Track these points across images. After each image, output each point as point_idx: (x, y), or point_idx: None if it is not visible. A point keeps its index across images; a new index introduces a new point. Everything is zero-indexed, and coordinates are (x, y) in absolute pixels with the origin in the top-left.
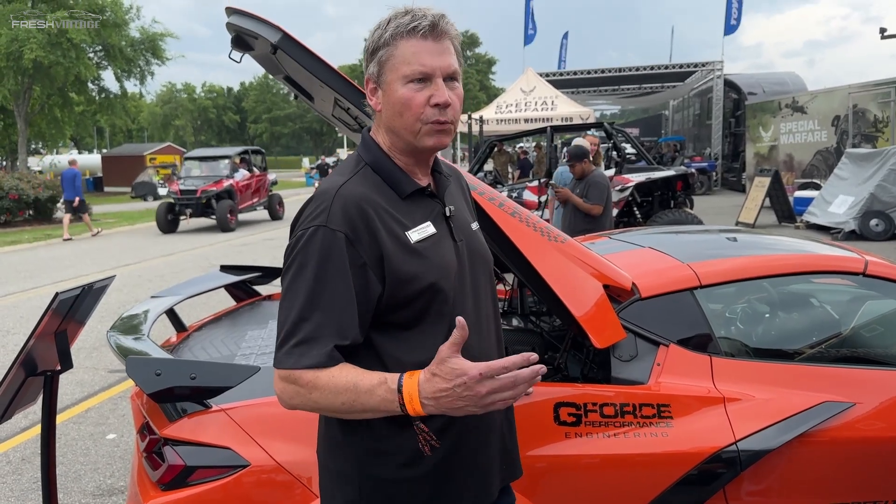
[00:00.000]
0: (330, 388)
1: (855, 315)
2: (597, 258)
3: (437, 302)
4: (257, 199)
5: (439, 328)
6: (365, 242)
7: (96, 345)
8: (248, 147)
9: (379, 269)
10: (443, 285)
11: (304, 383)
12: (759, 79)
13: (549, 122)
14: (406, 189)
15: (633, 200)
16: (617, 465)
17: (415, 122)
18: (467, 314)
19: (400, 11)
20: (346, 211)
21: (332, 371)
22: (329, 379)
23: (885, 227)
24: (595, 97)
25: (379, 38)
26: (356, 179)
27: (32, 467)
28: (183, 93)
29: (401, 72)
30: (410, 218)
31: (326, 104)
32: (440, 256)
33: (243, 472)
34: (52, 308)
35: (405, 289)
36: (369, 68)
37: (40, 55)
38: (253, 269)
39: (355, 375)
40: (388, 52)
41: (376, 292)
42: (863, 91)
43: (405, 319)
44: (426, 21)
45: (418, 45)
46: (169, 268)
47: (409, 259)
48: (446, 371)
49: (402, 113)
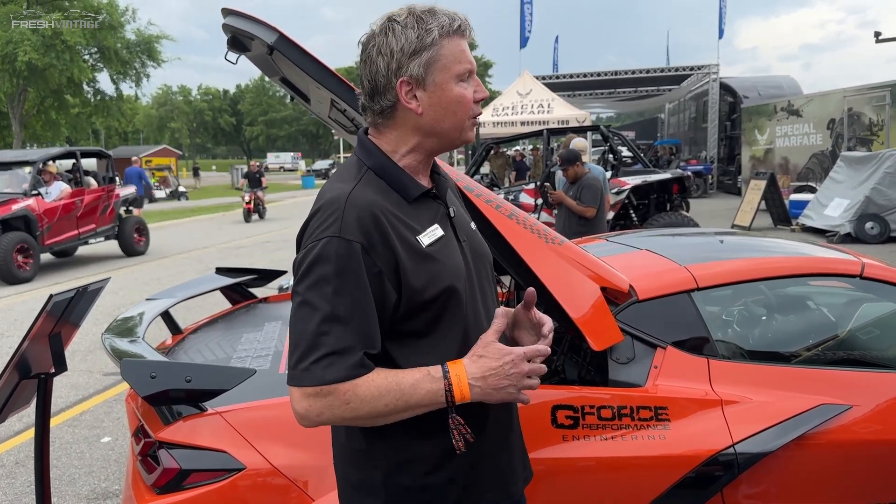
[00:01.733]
0: (371, 393)
1: (852, 317)
2: (594, 260)
3: (452, 304)
4: (94, 226)
5: (455, 332)
6: (380, 251)
7: (91, 347)
8: (78, 148)
9: (395, 276)
10: (457, 287)
11: (340, 394)
12: (755, 82)
13: (545, 124)
14: (413, 192)
15: (630, 203)
16: (614, 468)
17: (465, 118)
18: (477, 314)
19: (425, 10)
20: (359, 219)
21: (369, 376)
22: (369, 384)
23: (880, 229)
24: (591, 100)
25: (419, 38)
26: (362, 185)
27: (26, 471)
28: (179, 95)
29: (453, 71)
30: (419, 222)
31: (323, 106)
32: (451, 258)
33: (239, 476)
34: (47, 310)
35: (422, 294)
36: (409, 69)
37: (34, 57)
38: (249, 272)
39: (394, 375)
40: (435, 52)
41: (392, 301)
42: (858, 95)
43: (421, 326)
44: (460, 21)
45: (462, 44)
46: (164, 270)
47: (423, 264)
48: (494, 351)
49: (456, 111)
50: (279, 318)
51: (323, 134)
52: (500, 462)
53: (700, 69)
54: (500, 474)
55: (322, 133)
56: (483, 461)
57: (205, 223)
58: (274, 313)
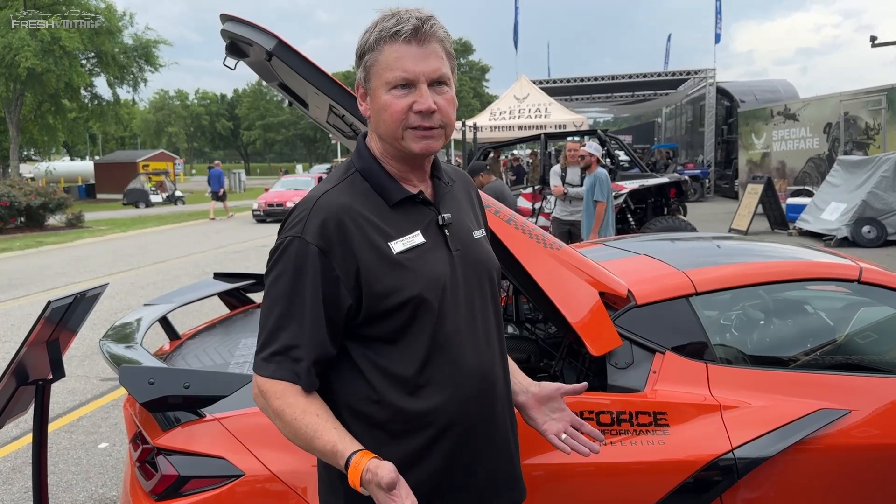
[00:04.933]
0: (291, 429)
1: (850, 322)
2: (592, 265)
3: (420, 315)
4: None
5: (421, 344)
6: (339, 255)
7: (88, 353)
8: None
9: (352, 282)
10: (427, 297)
11: (273, 407)
12: (752, 86)
13: (542, 129)
14: (394, 197)
15: (627, 207)
16: (614, 474)
17: (397, 128)
18: (458, 327)
19: (387, 14)
20: (322, 223)
21: (296, 412)
22: (291, 420)
23: (876, 233)
24: (588, 104)
25: (365, 42)
26: (342, 187)
27: (23, 477)
28: (176, 99)
29: (384, 78)
30: (396, 227)
31: (321, 111)
32: (426, 267)
33: (237, 482)
34: (45, 316)
35: (384, 302)
36: (358, 73)
37: (34, 63)
38: (246, 277)
39: (314, 429)
40: (373, 57)
41: (346, 306)
42: (854, 99)
43: (386, 333)
44: (409, 25)
45: (401, 50)
46: (161, 275)
47: (389, 271)
48: (381, 498)
49: (385, 119)
50: None
51: (320, 138)
52: (469, 481)
53: (697, 73)
54: (471, 494)
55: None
56: (450, 477)
57: (203, 227)
58: None
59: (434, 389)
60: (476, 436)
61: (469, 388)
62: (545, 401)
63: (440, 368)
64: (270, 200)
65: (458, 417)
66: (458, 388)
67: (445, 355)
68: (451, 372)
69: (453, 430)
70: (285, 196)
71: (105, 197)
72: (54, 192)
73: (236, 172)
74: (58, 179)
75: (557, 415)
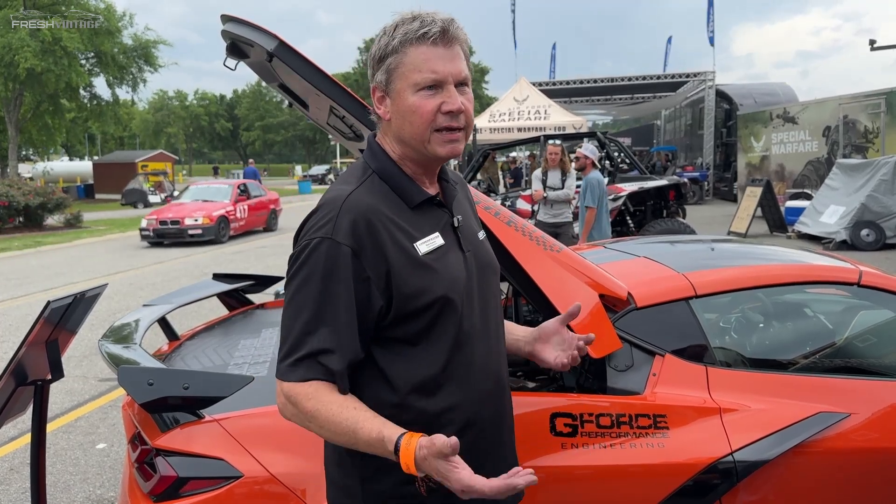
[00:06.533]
0: (330, 427)
1: (849, 325)
2: (592, 267)
3: (445, 315)
4: None
5: (444, 344)
6: (370, 256)
7: (86, 353)
8: None
9: (383, 283)
10: (452, 297)
11: (305, 410)
12: (751, 89)
13: (542, 131)
14: (415, 199)
15: (626, 210)
16: (613, 476)
17: (425, 130)
18: (475, 326)
19: (407, 17)
20: (353, 223)
21: (332, 408)
22: (329, 417)
23: (875, 237)
24: (588, 106)
25: (386, 45)
26: (364, 188)
27: (21, 477)
28: (175, 100)
29: (411, 79)
30: (419, 229)
31: (321, 112)
32: (449, 268)
33: (236, 484)
34: (44, 316)
35: (413, 302)
36: (376, 77)
37: (34, 63)
38: (246, 278)
39: (354, 421)
40: (396, 59)
41: (377, 307)
42: (853, 102)
43: (411, 334)
44: (436, 27)
45: (429, 52)
46: (161, 276)
47: (416, 272)
48: (442, 468)
49: (413, 121)
50: (276, 324)
51: (320, 139)
52: (484, 468)
53: (696, 76)
54: None
55: (319, 138)
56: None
57: None
58: (271, 319)
59: (453, 388)
60: (487, 433)
61: (483, 385)
62: (550, 338)
63: (459, 367)
64: (164, 217)
65: (474, 415)
66: (473, 385)
67: (464, 354)
68: (468, 370)
69: (470, 428)
70: (185, 211)
71: (104, 197)
72: (53, 192)
73: (235, 173)
74: (56, 179)
75: (564, 345)
